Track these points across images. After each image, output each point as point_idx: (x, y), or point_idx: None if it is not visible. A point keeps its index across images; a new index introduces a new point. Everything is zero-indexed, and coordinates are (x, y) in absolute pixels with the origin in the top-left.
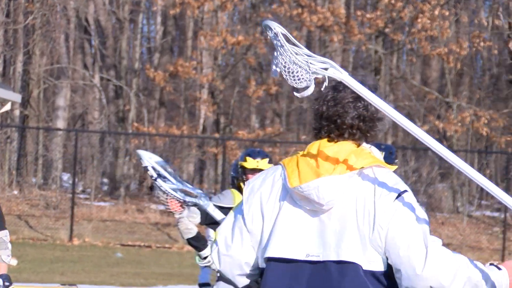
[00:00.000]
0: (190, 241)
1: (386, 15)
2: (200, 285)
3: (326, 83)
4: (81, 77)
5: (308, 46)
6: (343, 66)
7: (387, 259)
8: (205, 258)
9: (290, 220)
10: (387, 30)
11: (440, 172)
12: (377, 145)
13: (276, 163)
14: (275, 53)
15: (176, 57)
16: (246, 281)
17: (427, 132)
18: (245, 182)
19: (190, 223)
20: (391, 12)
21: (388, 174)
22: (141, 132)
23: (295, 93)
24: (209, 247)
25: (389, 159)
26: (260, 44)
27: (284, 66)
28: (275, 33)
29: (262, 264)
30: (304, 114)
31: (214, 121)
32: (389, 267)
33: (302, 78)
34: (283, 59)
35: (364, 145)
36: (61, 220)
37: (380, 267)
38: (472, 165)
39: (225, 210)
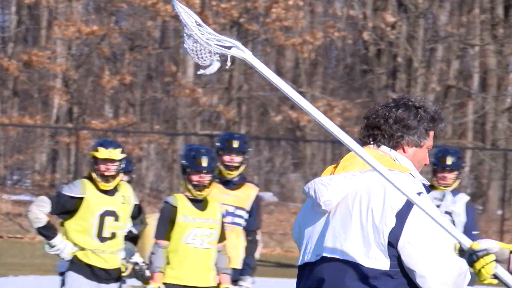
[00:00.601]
0: (40, 230)
1: (240, 5)
2: (61, 274)
3: (229, 62)
4: None
5: (163, 36)
6: None
7: (395, 258)
8: (53, 246)
9: (311, 225)
10: (241, 20)
11: (293, 162)
12: (230, 134)
13: (128, 153)
14: (183, 32)
15: (31, 46)
16: None
17: (281, 122)
18: (97, 172)
19: (40, 212)
20: (246, 2)
21: (401, 176)
22: None
23: (200, 71)
24: (59, 235)
25: (243, 148)
26: (114, 34)
27: (190, 44)
28: (177, 13)
29: None
30: (158, 104)
31: (67, 111)
32: (399, 267)
33: (206, 57)
34: (188, 37)
35: (387, 151)
36: None
37: (381, 266)
38: (325, 154)
39: (74, 200)
